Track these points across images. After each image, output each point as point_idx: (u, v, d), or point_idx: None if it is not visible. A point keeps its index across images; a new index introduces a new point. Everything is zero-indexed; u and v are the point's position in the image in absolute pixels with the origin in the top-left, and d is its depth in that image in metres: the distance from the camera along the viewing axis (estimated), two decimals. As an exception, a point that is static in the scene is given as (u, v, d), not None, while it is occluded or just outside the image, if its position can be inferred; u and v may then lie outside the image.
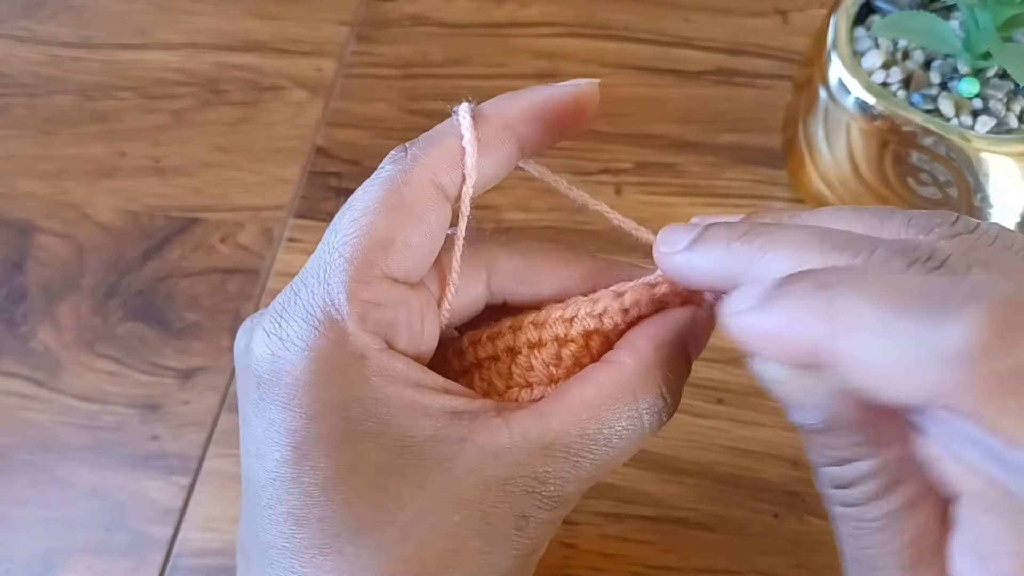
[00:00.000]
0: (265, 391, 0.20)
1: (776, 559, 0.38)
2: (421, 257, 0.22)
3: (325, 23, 0.55)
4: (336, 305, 0.20)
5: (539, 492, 0.20)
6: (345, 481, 0.19)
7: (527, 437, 0.20)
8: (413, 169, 0.21)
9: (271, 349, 0.20)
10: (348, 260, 0.21)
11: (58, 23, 0.56)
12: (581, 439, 0.21)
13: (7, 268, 0.47)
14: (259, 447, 0.20)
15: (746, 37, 0.53)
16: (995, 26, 0.35)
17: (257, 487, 0.20)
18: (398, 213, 0.21)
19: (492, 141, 0.22)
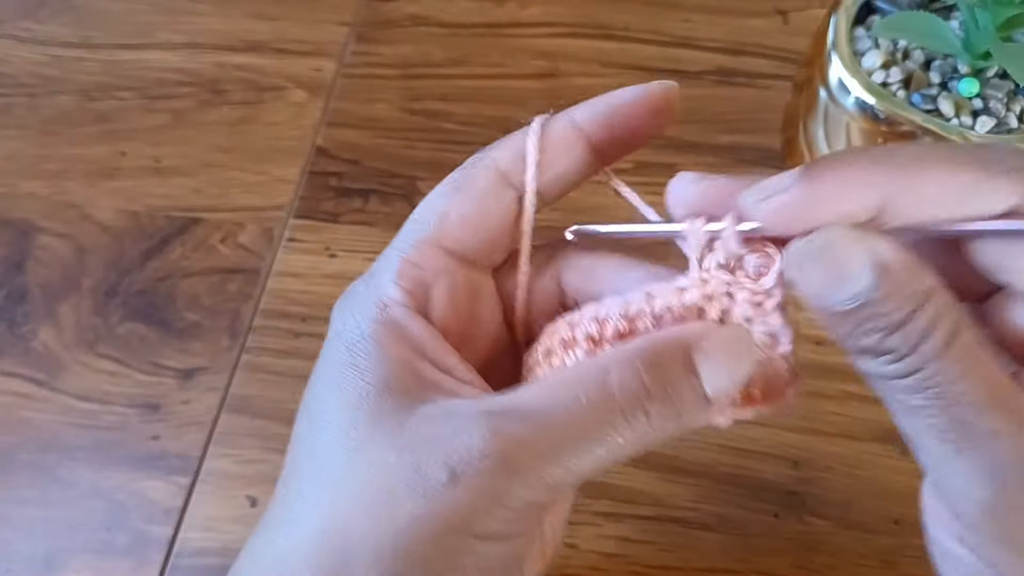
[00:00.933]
0: (333, 343, 0.23)
1: (776, 559, 0.38)
2: (475, 232, 0.23)
3: (325, 23, 0.55)
4: (387, 262, 0.23)
5: (478, 448, 0.19)
6: (331, 399, 0.22)
7: (489, 404, 0.21)
8: (481, 160, 0.24)
9: (343, 318, 0.23)
10: (411, 232, 0.24)
11: (59, 23, 0.56)
12: (538, 404, 0.20)
13: (8, 268, 0.47)
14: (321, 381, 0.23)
15: (746, 37, 0.53)
16: (995, 26, 0.35)
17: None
18: (457, 191, 0.24)
19: (558, 136, 0.24)
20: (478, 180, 0.24)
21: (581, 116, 0.24)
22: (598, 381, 0.20)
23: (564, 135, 0.24)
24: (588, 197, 0.47)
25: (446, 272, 0.23)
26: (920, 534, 0.38)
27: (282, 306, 0.45)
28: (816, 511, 0.38)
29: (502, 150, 0.24)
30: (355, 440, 0.21)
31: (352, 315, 0.23)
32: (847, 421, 0.40)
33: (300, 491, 0.21)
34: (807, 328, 0.43)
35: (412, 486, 0.19)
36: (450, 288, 0.23)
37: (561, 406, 0.20)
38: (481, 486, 0.19)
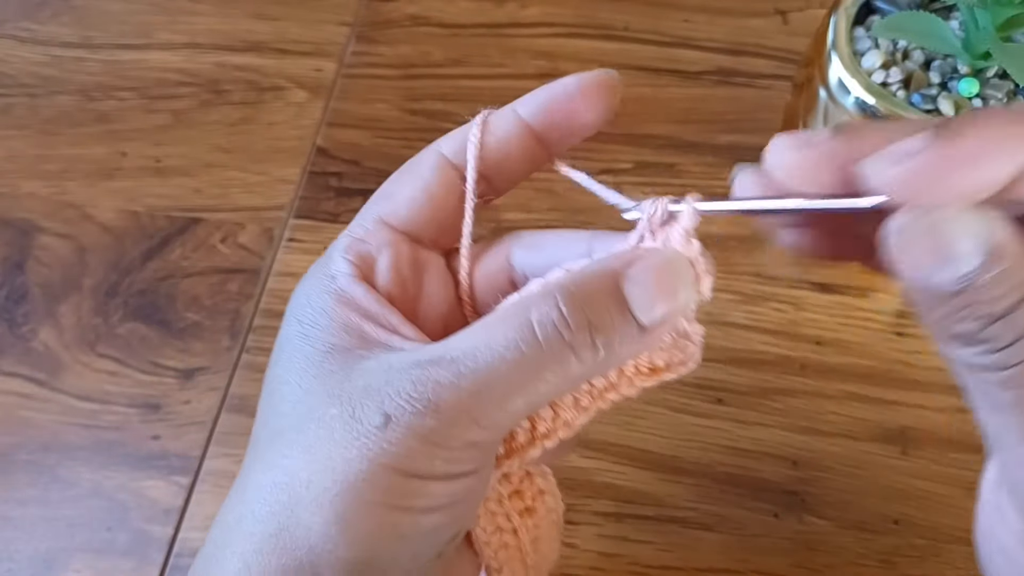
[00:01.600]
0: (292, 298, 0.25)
1: (776, 559, 0.38)
2: (419, 210, 0.25)
3: (325, 23, 0.55)
4: (338, 242, 0.25)
5: (408, 392, 0.20)
6: (283, 369, 0.23)
7: (421, 352, 0.21)
8: (428, 148, 0.26)
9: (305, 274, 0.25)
10: (361, 213, 0.25)
11: (59, 23, 0.56)
12: (463, 346, 0.21)
13: (8, 268, 0.47)
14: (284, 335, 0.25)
15: (746, 37, 0.53)
16: (995, 26, 0.35)
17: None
18: (404, 174, 0.26)
19: (501, 126, 0.25)
20: (423, 164, 0.25)
21: (523, 108, 0.25)
22: (519, 320, 0.20)
23: (507, 125, 0.25)
24: (589, 197, 0.47)
25: (390, 244, 0.24)
26: (920, 534, 0.38)
27: (282, 306, 0.44)
28: (816, 511, 0.38)
29: (448, 139, 0.25)
30: (304, 400, 0.22)
31: (303, 291, 0.24)
32: (847, 421, 0.40)
33: (256, 455, 0.22)
34: (807, 328, 0.43)
35: (348, 431, 0.20)
36: (393, 258, 0.24)
37: (485, 347, 0.20)
38: (413, 428, 0.20)
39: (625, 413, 0.41)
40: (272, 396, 0.23)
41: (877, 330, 0.43)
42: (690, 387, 0.42)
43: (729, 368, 0.42)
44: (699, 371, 0.42)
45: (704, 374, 0.42)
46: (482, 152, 0.25)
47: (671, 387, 0.42)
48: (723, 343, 0.43)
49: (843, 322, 0.43)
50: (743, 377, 0.42)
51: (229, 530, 0.22)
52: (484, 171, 0.25)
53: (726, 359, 0.42)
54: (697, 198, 0.23)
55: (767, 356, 0.42)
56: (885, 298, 0.43)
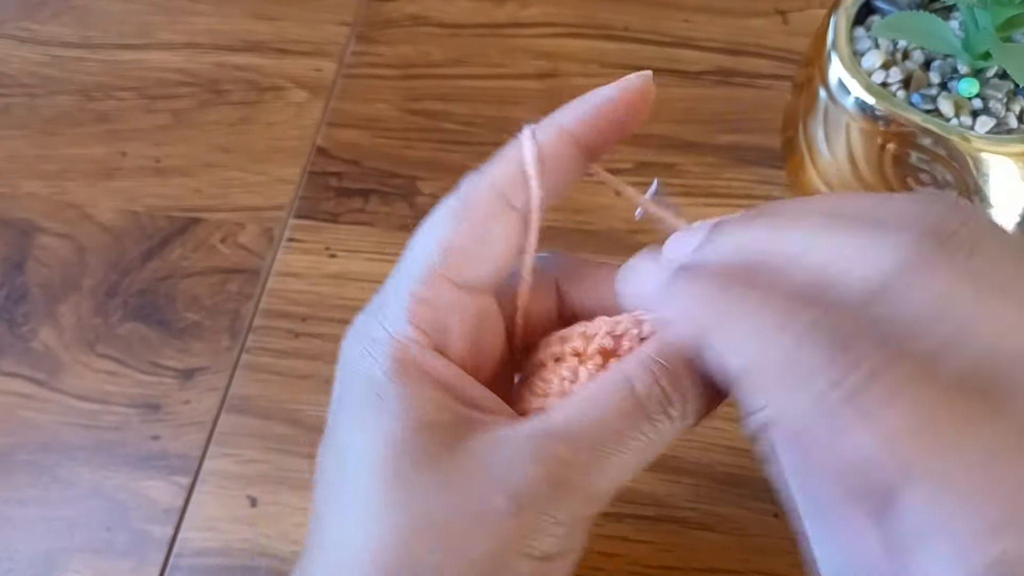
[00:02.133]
0: (352, 380, 0.23)
1: (776, 559, 0.38)
2: (482, 262, 0.23)
3: (325, 23, 0.55)
4: (400, 302, 0.23)
5: (532, 475, 0.21)
6: (368, 451, 0.22)
7: (530, 429, 0.21)
8: (480, 182, 0.24)
9: (354, 329, 0.24)
10: (417, 266, 0.23)
11: (59, 23, 0.56)
12: (578, 424, 0.21)
13: (8, 268, 0.47)
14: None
15: (746, 37, 0.53)
16: (995, 26, 0.35)
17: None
18: (461, 221, 0.23)
19: (552, 146, 0.24)
20: (480, 206, 0.23)
21: (569, 121, 0.24)
22: (626, 392, 0.22)
23: (557, 144, 0.24)
24: (588, 198, 0.47)
25: (459, 308, 0.23)
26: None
27: (282, 306, 0.45)
28: (816, 511, 0.38)
29: (499, 169, 0.24)
30: (395, 479, 0.21)
31: (369, 357, 0.22)
32: (847, 421, 0.40)
33: (340, 529, 0.22)
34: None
35: (478, 520, 0.20)
36: (463, 323, 0.23)
37: (598, 421, 0.21)
38: (541, 509, 0.21)
39: (625, 413, 0.41)
40: (348, 465, 0.22)
41: (877, 330, 0.43)
42: (690, 387, 0.42)
43: (729, 368, 0.42)
44: (699, 371, 0.42)
45: (704, 374, 0.42)
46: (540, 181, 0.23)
47: (671, 387, 0.42)
48: (723, 343, 0.43)
49: (843, 322, 0.43)
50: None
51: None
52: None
53: (726, 359, 0.42)
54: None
55: (767, 356, 0.42)
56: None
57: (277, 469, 0.40)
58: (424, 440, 0.21)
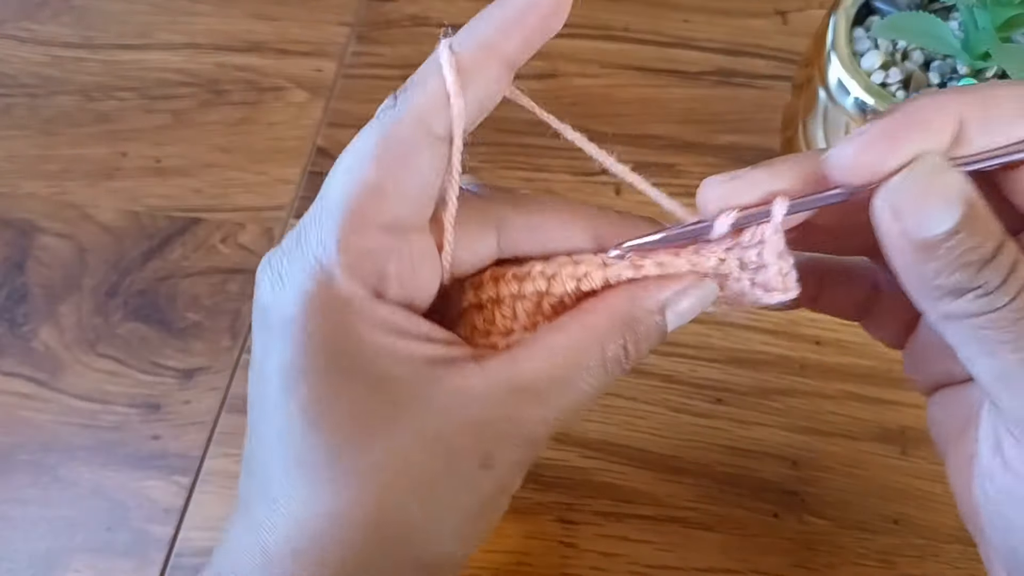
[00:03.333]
0: (264, 320, 0.22)
1: (776, 559, 0.38)
2: (414, 202, 0.22)
3: (325, 24, 0.55)
4: (327, 253, 0.21)
5: (508, 433, 0.21)
6: (324, 409, 0.21)
7: (498, 380, 0.22)
8: (402, 116, 0.22)
9: (272, 285, 0.22)
10: (341, 209, 0.21)
11: (59, 24, 0.56)
12: (549, 384, 0.22)
13: (9, 268, 0.47)
14: (259, 369, 0.22)
15: (745, 38, 0.53)
16: (994, 27, 0.35)
17: (255, 404, 0.22)
18: (388, 160, 0.22)
19: (476, 71, 0.22)
20: (404, 141, 0.22)
21: (489, 31, 0.22)
22: (595, 351, 0.22)
23: (478, 57, 0.22)
24: (589, 198, 0.47)
25: (393, 251, 0.22)
26: (920, 533, 0.38)
27: (282, 306, 0.45)
28: (815, 511, 0.39)
29: (418, 97, 0.22)
30: (366, 435, 0.21)
31: (311, 314, 0.21)
32: (846, 421, 0.40)
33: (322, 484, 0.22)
34: (807, 328, 0.43)
35: (453, 477, 0.21)
36: (401, 265, 0.22)
37: (565, 380, 0.22)
38: (507, 460, 0.22)
39: (625, 413, 0.41)
40: (316, 421, 0.21)
41: (877, 330, 0.43)
42: (690, 387, 0.42)
43: (729, 368, 0.42)
44: (699, 371, 0.42)
45: (704, 374, 0.42)
46: (466, 108, 0.22)
47: (671, 387, 0.42)
48: (723, 343, 0.43)
49: (842, 322, 0.43)
50: (743, 377, 0.42)
51: (244, 552, 0.21)
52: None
53: (726, 359, 0.42)
54: (784, 201, 0.22)
55: (767, 356, 0.42)
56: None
57: (277, 469, 0.40)
58: (386, 397, 0.21)
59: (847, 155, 0.20)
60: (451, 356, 0.22)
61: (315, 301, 0.21)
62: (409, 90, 0.23)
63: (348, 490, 0.21)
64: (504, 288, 0.24)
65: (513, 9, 0.22)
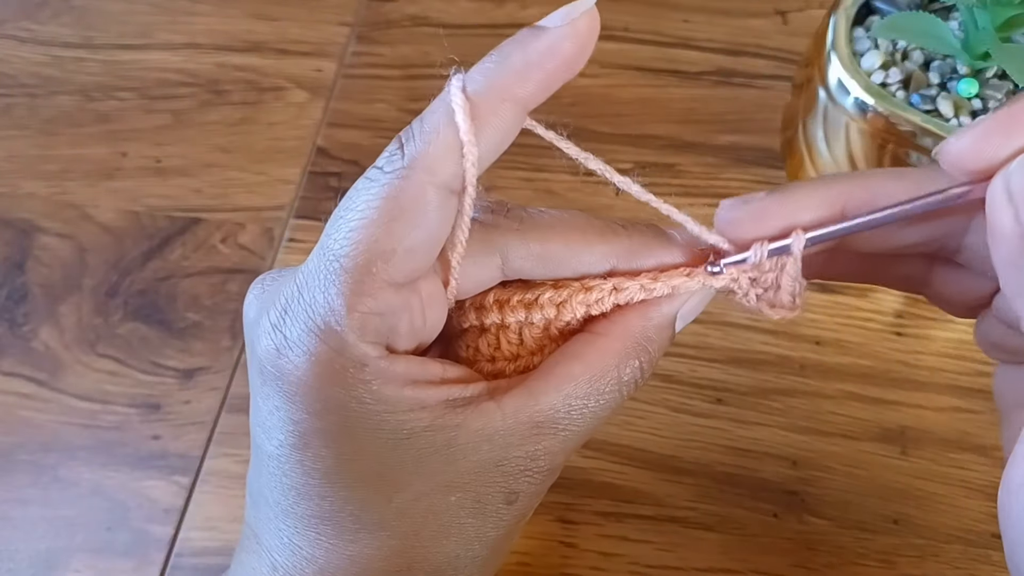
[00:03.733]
0: (269, 381, 0.21)
1: (776, 559, 0.38)
2: (423, 259, 0.21)
3: (325, 24, 0.55)
4: (336, 316, 0.20)
5: (530, 468, 0.22)
6: (345, 468, 0.21)
7: (519, 418, 0.22)
8: (411, 174, 0.20)
9: (276, 345, 0.21)
10: (347, 271, 0.20)
11: (60, 24, 0.56)
12: (568, 414, 0.22)
13: (9, 268, 0.47)
14: (266, 424, 0.21)
15: (745, 38, 0.53)
16: (994, 27, 0.35)
17: (264, 455, 0.22)
18: (398, 223, 0.20)
19: (491, 117, 0.20)
20: (419, 205, 0.20)
21: (505, 79, 0.20)
22: (611, 378, 0.23)
23: (495, 109, 0.20)
24: (588, 198, 0.47)
25: (404, 308, 0.21)
26: (920, 534, 0.38)
27: (282, 306, 0.45)
28: (815, 511, 0.39)
29: (433, 157, 0.20)
30: (400, 491, 0.22)
31: (327, 380, 0.21)
32: (846, 421, 0.40)
33: (355, 536, 0.22)
34: (807, 328, 0.43)
35: (479, 515, 0.22)
36: (411, 319, 0.22)
37: (582, 408, 0.22)
38: (535, 494, 0.23)
39: (625, 413, 0.41)
40: (338, 479, 0.21)
41: (876, 330, 0.43)
42: (690, 387, 0.42)
43: (729, 368, 0.42)
44: (699, 371, 0.42)
45: (704, 374, 0.42)
46: (479, 157, 0.21)
47: (671, 387, 0.42)
48: (723, 343, 0.43)
49: (842, 322, 0.43)
50: (743, 377, 0.42)
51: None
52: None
53: (726, 359, 0.42)
54: (801, 234, 0.23)
55: (767, 356, 0.42)
56: (884, 298, 0.43)
57: (277, 469, 0.40)
58: (410, 449, 0.21)
59: (964, 144, 0.20)
60: (468, 396, 0.22)
61: (327, 366, 0.20)
62: (417, 139, 0.21)
63: (375, 540, 0.22)
64: (510, 315, 0.24)
65: (533, 52, 0.20)
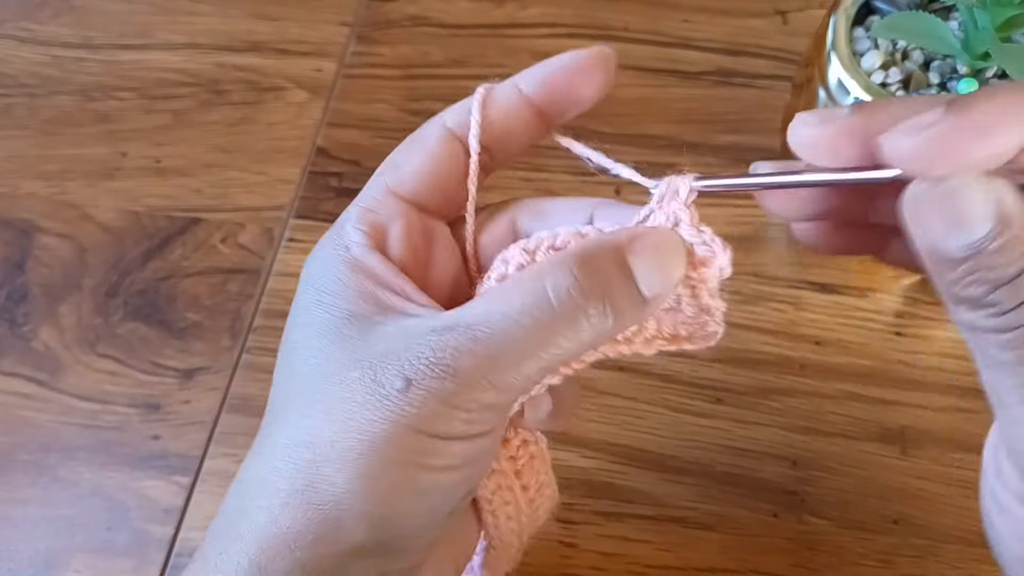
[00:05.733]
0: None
1: (776, 559, 0.38)
2: (426, 180, 0.25)
3: (325, 24, 0.55)
4: (349, 213, 0.25)
5: (427, 357, 0.21)
6: (300, 335, 0.24)
7: (438, 319, 0.22)
8: (432, 120, 0.26)
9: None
10: (369, 184, 0.26)
11: (59, 24, 0.56)
12: (482, 314, 0.22)
13: (9, 268, 0.47)
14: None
15: (745, 37, 0.53)
16: (994, 27, 0.35)
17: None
18: (409, 144, 0.26)
19: (503, 100, 0.26)
20: (428, 136, 0.26)
21: (523, 82, 0.26)
22: (534, 287, 0.22)
23: (509, 99, 0.26)
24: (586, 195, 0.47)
25: (401, 214, 0.25)
26: (920, 534, 0.38)
27: (283, 306, 0.45)
28: (815, 511, 0.39)
29: (452, 112, 0.26)
30: (323, 364, 0.22)
31: (318, 261, 0.25)
32: (846, 421, 0.40)
33: (275, 418, 0.23)
34: (807, 328, 0.44)
35: (371, 394, 0.21)
36: (404, 228, 0.25)
37: (501, 315, 0.21)
38: (433, 391, 0.21)
39: (625, 413, 0.41)
40: (289, 361, 0.24)
41: (877, 330, 0.43)
42: (690, 387, 0.42)
43: (728, 368, 0.42)
44: (699, 371, 0.42)
45: (704, 374, 0.42)
46: (484, 124, 0.25)
47: (671, 387, 0.42)
48: (722, 343, 0.42)
49: (842, 322, 0.43)
50: (742, 377, 0.42)
51: (252, 487, 0.23)
52: (486, 143, 0.26)
53: (725, 359, 0.42)
54: (699, 176, 0.25)
55: (766, 356, 0.42)
56: (884, 298, 0.43)
57: (277, 469, 0.40)
58: (349, 327, 0.23)
59: (907, 146, 0.19)
60: (407, 311, 0.23)
61: (324, 247, 0.25)
62: (446, 110, 0.26)
63: (293, 400, 0.23)
64: (494, 271, 0.25)
65: (546, 72, 0.26)
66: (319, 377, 0.22)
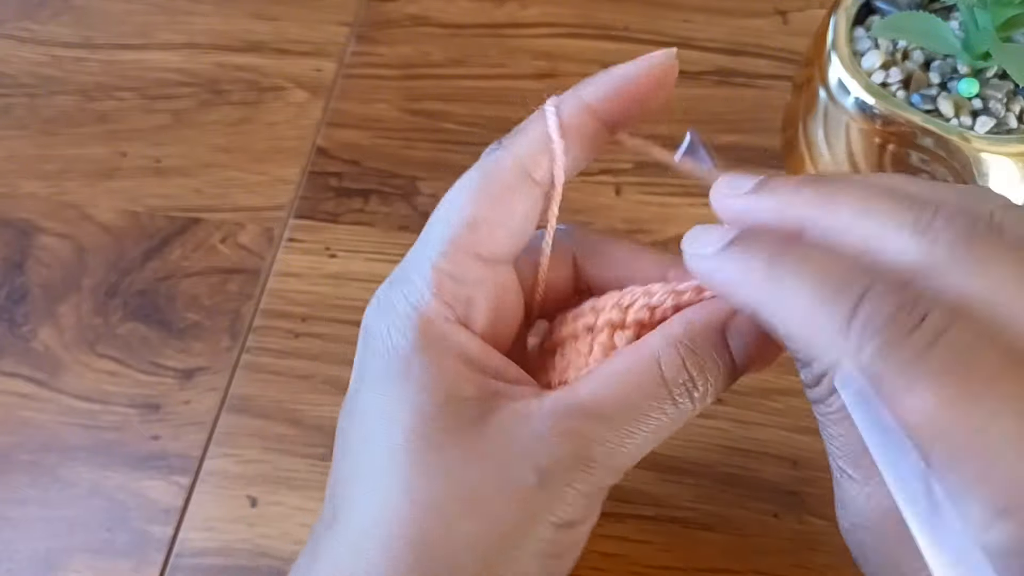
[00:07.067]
0: (365, 340, 0.24)
1: (776, 559, 0.38)
2: (507, 236, 0.24)
3: (325, 23, 0.55)
4: (423, 277, 0.23)
5: (560, 447, 0.21)
6: (380, 418, 0.22)
7: (556, 403, 0.22)
8: (502, 156, 0.24)
9: (375, 308, 0.24)
10: (440, 238, 0.23)
11: (59, 24, 0.56)
12: (604, 401, 0.22)
13: (8, 268, 0.47)
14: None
15: (746, 37, 0.53)
16: (994, 26, 0.35)
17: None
18: (487, 196, 0.23)
19: (573, 119, 0.24)
20: (503, 180, 0.24)
21: (590, 95, 0.24)
22: (654, 371, 0.22)
23: (578, 118, 0.24)
24: (589, 198, 0.47)
25: (482, 281, 0.24)
26: (920, 534, 0.38)
27: (282, 306, 0.45)
28: (816, 511, 0.38)
29: (521, 143, 0.24)
30: (424, 450, 0.21)
31: (395, 329, 0.23)
32: (847, 421, 0.40)
33: (366, 497, 0.22)
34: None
35: (506, 491, 0.21)
36: (487, 297, 0.24)
37: (623, 398, 0.22)
38: (565, 482, 0.21)
39: (625, 413, 0.41)
40: (371, 436, 0.22)
41: (877, 330, 0.43)
42: (690, 387, 0.42)
43: (729, 368, 0.42)
44: (699, 371, 0.42)
45: (704, 374, 0.42)
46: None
47: (671, 387, 0.42)
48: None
49: (843, 322, 0.43)
50: (744, 377, 0.42)
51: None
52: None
53: (726, 359, 0.42)
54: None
55: (767, 356, 0.42)
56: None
57: (277, 469, 0.40)
58: (452, 412, 0.22)
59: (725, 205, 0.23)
60: (513, 393, 0.23)
61: (404, 320, 0.23)
62: (512, 135, 0.24)
63: (399, 499, 0.21)
64: (580, 322, 0.24)
65: (611, 81, 0.25)
66: (418, 466, 0.21)
